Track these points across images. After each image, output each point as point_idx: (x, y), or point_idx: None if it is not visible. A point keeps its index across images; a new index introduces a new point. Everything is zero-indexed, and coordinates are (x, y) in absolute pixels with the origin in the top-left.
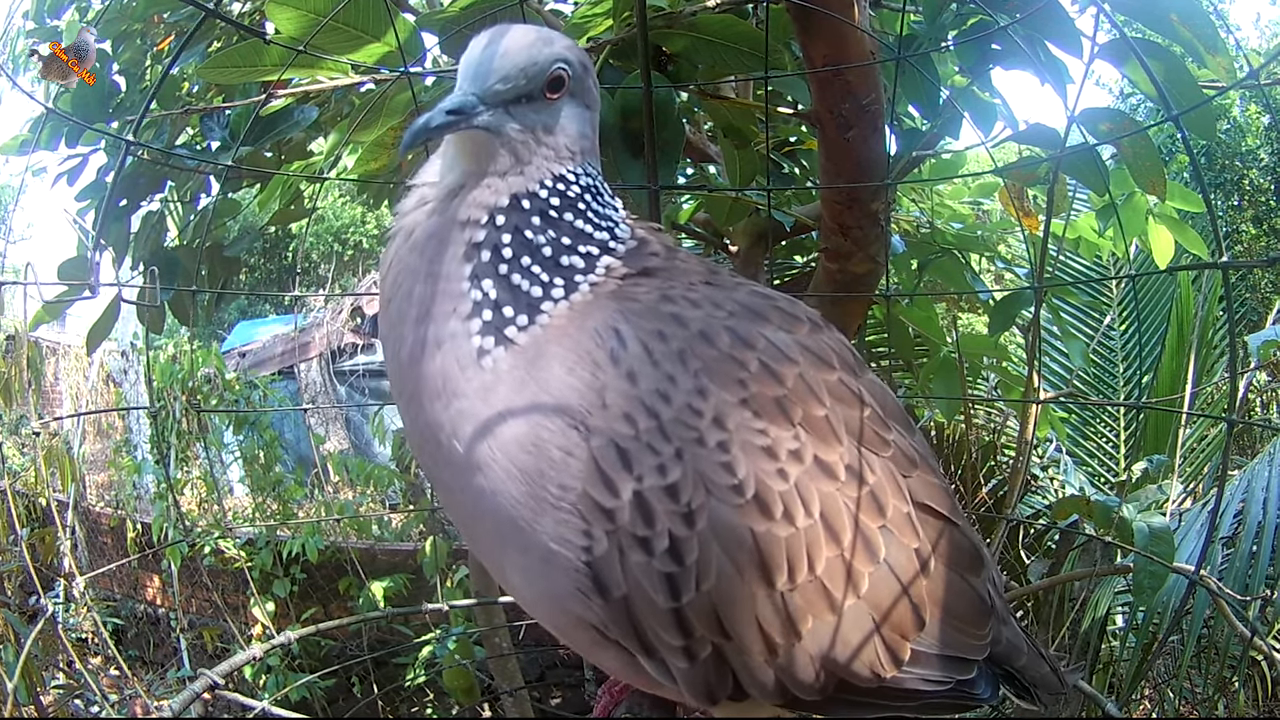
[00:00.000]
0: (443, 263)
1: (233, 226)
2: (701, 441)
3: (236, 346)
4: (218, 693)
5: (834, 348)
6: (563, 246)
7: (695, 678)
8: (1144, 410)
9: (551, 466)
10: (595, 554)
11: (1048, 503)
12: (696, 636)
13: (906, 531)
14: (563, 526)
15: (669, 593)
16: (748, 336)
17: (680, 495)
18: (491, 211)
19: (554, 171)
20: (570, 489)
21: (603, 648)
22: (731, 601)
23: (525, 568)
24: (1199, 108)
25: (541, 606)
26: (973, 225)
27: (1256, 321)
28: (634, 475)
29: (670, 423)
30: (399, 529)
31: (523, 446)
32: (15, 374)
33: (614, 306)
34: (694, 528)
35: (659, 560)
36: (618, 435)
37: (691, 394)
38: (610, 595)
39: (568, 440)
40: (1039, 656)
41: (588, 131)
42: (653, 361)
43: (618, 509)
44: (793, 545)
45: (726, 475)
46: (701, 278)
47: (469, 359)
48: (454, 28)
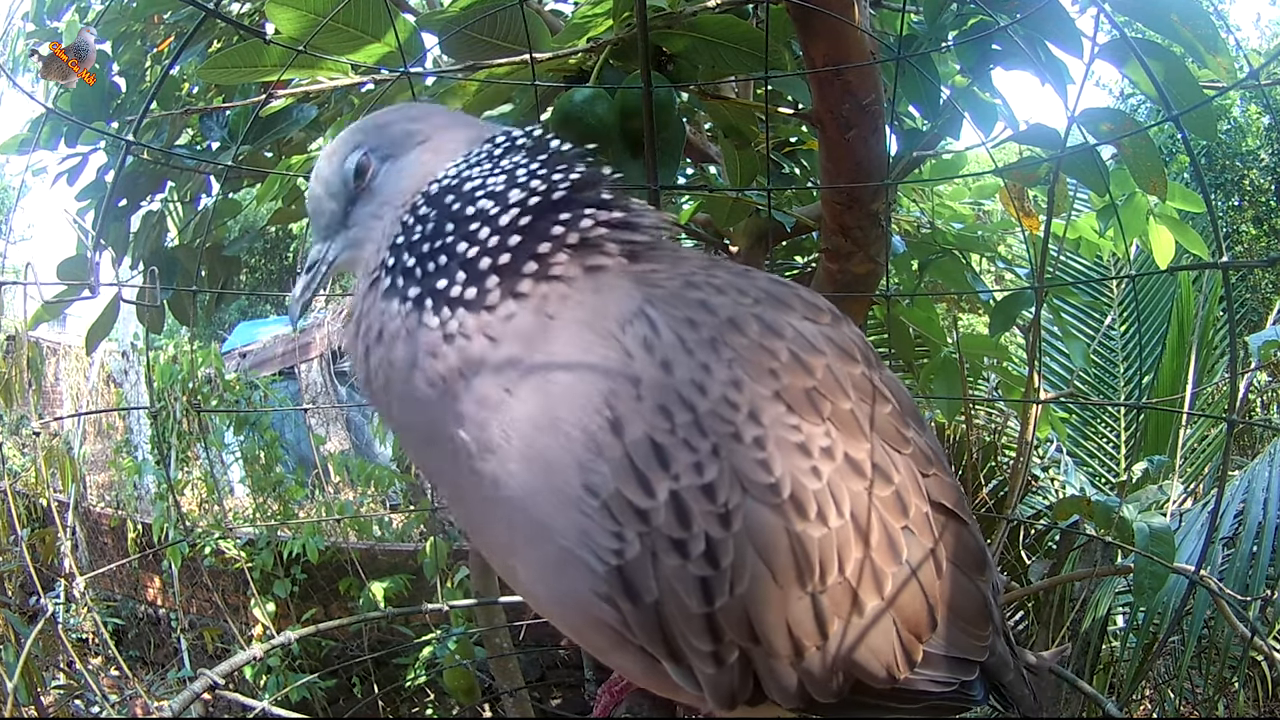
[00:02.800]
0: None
1: (233, 226)
2: (738, 437)
3: (237, 347)
4: (218, 693)
5: (855, 340)
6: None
7: (720, 683)
8: (1144, 410)
9: (576, 457)
10: (627, 557)
11: (1048, 503)
12: (726, 641)
13: (925, 532)
14: (590, 527)
15: (703, 597)
16: (776, 325)
17: (717, 495)
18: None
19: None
20: (601, 487)
21: (621, 650)
22: (763, 605)
23: (541, 568)
24: (1199, 108)
25: (558, 609)
26: (973, 225)
27: (1257, 322)
28: (670, 474)
29: (707, 416)
30: (399, 529)
31: (539, 427)
32: (15, 374)
33: (638, 291)
34: (730, 529)
35: (694, 564)
36: (653, 430)
37: (727, 385)
38: (641, 600)
39: (595, 429)
40: (1022, 678)
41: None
42: (687, 350)
43: (653, 510)
44: (825, 546)
45: (763, 473)
46: (705, 260)
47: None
48: (454, 28)
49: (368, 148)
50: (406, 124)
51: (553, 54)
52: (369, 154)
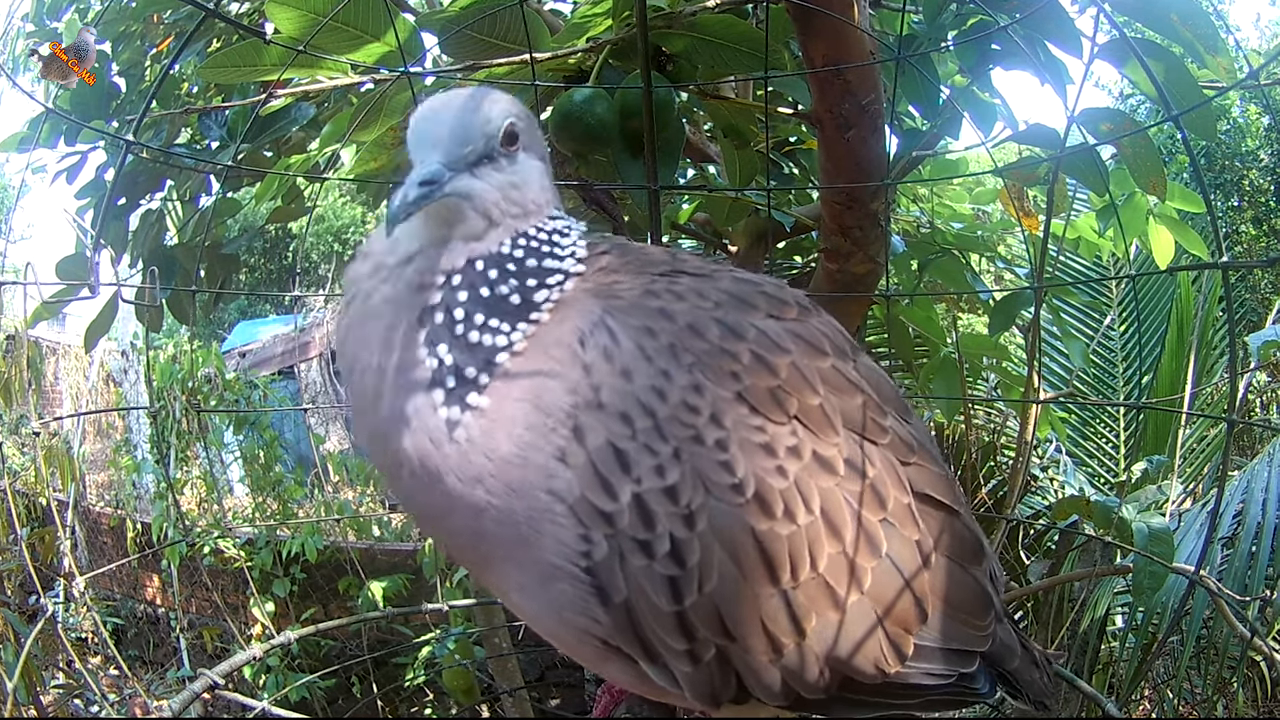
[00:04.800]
0: (398, 331)
1: (232, 225)
2: (699, 440)
3: (237, 346)
4: (218, 693)
5: (825, 332)
6: (526, 288)
7: (699, 681)
8: (1144, 410)
9: (545, 474)
10: (595, 559)
11: (1048, 503)
12: (700, 639)
13: (907, 523)
14: (561, 534)
15: (671, 596)
16: (737, 327)
17: (680, 497)
18: (448, 274)
19: (518, 229)
20: (566, 495)
21: (607, 659)
22: (734, 602)
23: (525, 585)
24: (1199, 108)
25: (545, 621)
26: (973, 225)
27: (1256, 322)
28: (632, 477)
29: (667, 421)
30: (399, 529)
31: (512, 464)
32: (15, 374)
33: (597, 305)
34: (694, 529)
35: (660, 563)
36: (614, 435)
37: (687, 390)
38: (611, 601)
39: (560, 444)
40: (1031, 662)
41: (546, 183)
42: (646, 357)
43: (616, 512)
44: (794, 544)
45: (726, 474)
46: (670, 265)
47: (440, 435)
48: (454, 28)
49: (520, 124)
50: (536, 129)
51: (552, 54)
52: (520, 130)
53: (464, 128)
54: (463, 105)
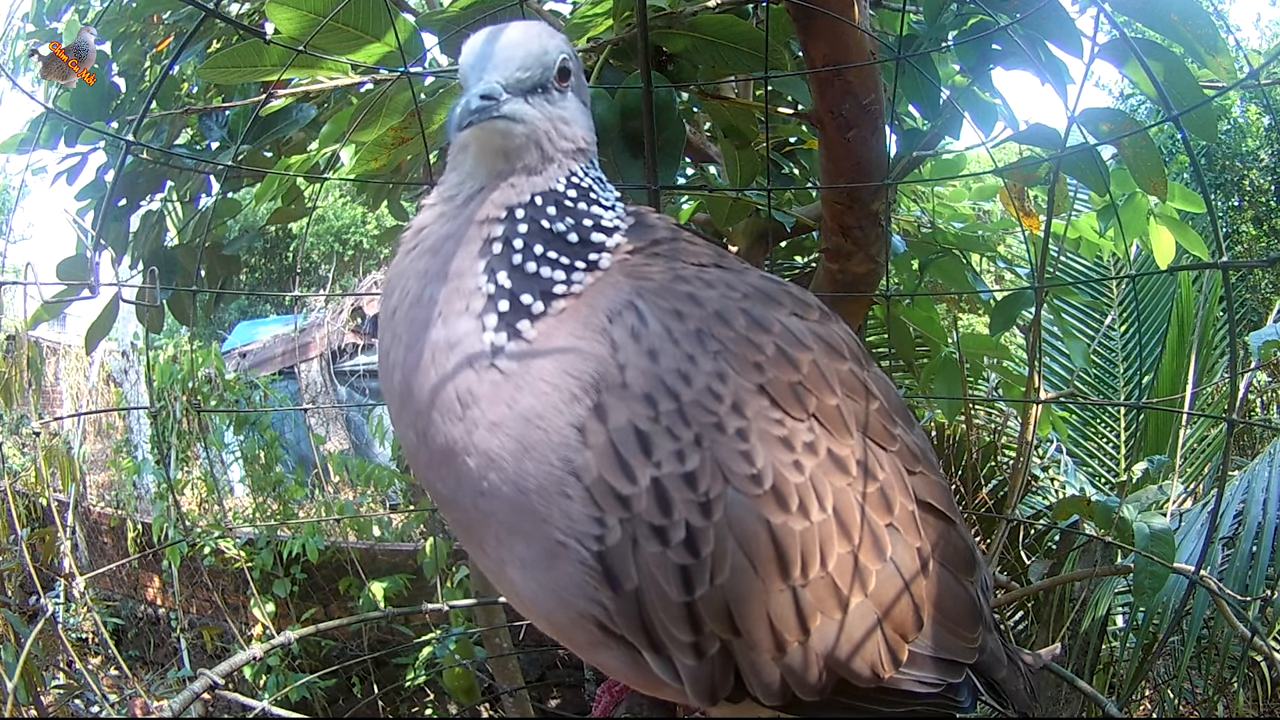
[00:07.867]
0: (455, 261)
1: (232, 226)
2: (721, 428)
3: (237, 347)
4: (218, 693)
5: (843, 337)
6: (583, 228)
7: (700, 675)
8: (1144, 410)
9: (561, 441)
10: (608, 543)
11: (1048, 503)
12: (706, 632)
13: (911, 530)
14: (572, 512)
15: (683, 585)
16: (763, 320)
17: (699, 483)
18: (511, 208)
19: (570, 167)
20: (584, 474)
21: (603, 647)
22: (744, 596)
23: (527, 560)
24: (1199, 108)
25: (542, 601)
26: (973, 225)
27: (1257, 322)
28: (652, 461)
29: (690, 405)
30: (399, 529)
31: (532, 422)
32: (15, 374)
33: (628, 285)
34: (711, 518)
35: (674, 551)
36: (637, 417)
37: (711, 376)
38: (621, 588)
39: (581, 415)
40: (1017, 672)
41: (591, 125)
42: (673, 340)
43: (634, 496)
44: (806, 540)
45: (745, 464)
46: (710, 259)
47: (483, 360)
48: (454, 28)
49: (573, 64)
50: (582, 73)
51: None
52: (571, 68)
53: (524, 54)
54: (524, 32)
